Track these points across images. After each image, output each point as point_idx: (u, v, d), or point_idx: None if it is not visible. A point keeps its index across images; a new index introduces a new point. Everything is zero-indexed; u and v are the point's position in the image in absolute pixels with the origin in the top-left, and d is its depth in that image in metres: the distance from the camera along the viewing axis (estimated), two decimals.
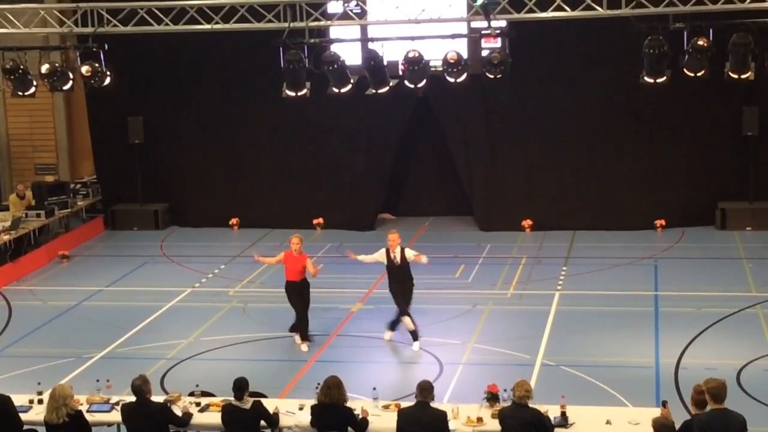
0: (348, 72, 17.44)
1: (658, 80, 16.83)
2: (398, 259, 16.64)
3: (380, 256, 16.83)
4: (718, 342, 16.58)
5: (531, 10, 17.18)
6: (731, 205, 23.61)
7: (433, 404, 11.53)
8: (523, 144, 24.31)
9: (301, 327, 16.85)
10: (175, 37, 19.81)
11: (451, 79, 17.47)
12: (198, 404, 12.47)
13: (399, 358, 16.44)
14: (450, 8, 18.02)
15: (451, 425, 11.61)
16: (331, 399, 11.61)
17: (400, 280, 16.71)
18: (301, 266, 16.70)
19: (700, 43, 16.12)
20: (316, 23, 17.67)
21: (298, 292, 16.77)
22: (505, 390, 12.07)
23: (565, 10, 17.08)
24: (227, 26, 18.01)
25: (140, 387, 11.75)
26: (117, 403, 12.41)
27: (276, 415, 11.97)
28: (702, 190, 23.84)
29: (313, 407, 11.80)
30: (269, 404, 12.12)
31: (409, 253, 16.72)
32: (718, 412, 10.31)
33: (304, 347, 16.78)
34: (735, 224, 23.43)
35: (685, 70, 16.69)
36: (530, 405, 11.24)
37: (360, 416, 11.81)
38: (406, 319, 16.68)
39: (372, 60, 17.21)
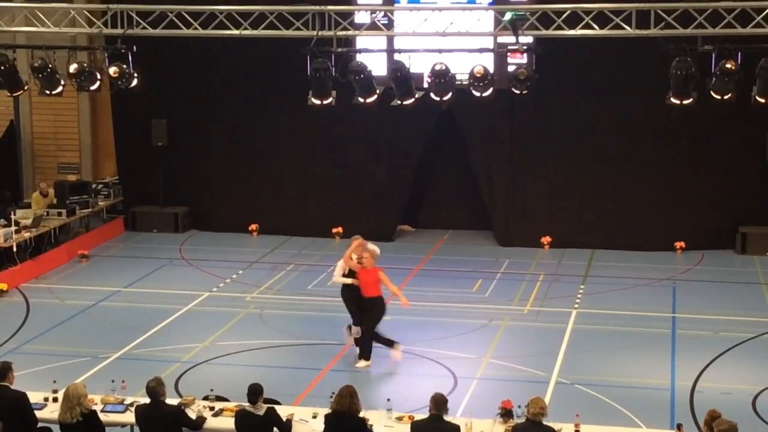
0: (374, 82, 17.47)
1: (685, 102, 16.80)
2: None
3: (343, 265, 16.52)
4: (734, 366, 16.50)
5: (559, 27, 17.17)
6: (752, 229, 23.49)
7: (447, 418, 11.51)
8: (546, 160, 24.28)
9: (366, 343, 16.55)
10: (202, 41, 19.89)
11: (477, 93, 17.48)
12: (212, 408, 12.48)
13: (414, 370, 16.39)
14: (478, 22, 18.04)
15: None
16: (342, 407, 11.60)
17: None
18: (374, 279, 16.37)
19: (728, 66, 16.08)
20: (343, 32, 17.69)
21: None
22: (519, 406, 12.05)
23: (593, 29, 17.04)
24: (256, 32, 18.04)
25: (155, 389, 11.78)
26: (131, 404, 12.45)
27: (289, 422, 11.97)
28: (723, 214, 23.74)
29: (326, 416, 11.79)
30: (283, 411, 12.13)
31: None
32: None
33: (362, 364, 16.42)
34: (755, 249, 23.30)
35: (712, 93, 16.66)
36: (544, 423, 11.22)
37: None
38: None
39: (398, 71, 17.22)
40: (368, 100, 17.58)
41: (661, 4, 16.71)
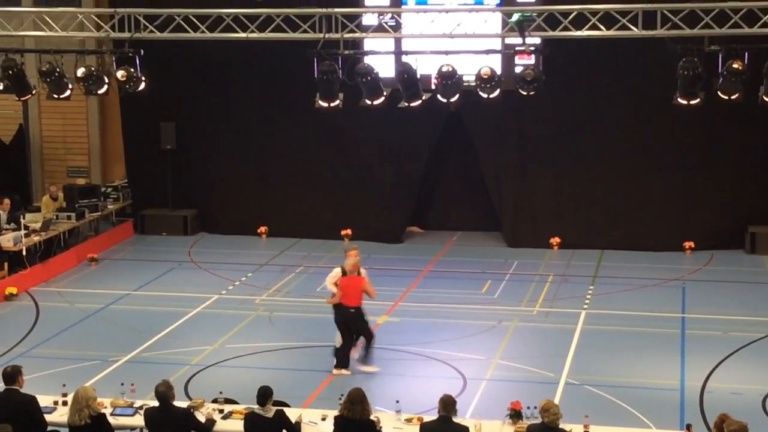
0: (381, 84, 17.49)
1: (692, 102, 16.80)
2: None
3: (333, 277, 16.07)
4: (744, 367, 16.47)
5: (566, 28, 17.20)
6: (761, 229, 23.45)
7: (456, 419, 11.50)
8: (554, 162, 24.27)
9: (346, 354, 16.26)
10: (210, 44, 19.93)
11: (484, 95, 17.50)
12: (221, 411, 12.50)
13: (423, 372, 16.41)
14: (485, 24, 18.06)
15: None
16: (354, 414, 11.59)
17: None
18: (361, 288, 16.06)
19: (735, 66, 16.10)
20: (350, 35, 17.74)
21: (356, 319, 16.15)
22: (528, 407, 12.05)
23: (600, 29, 17.08)
24: (262, 35, 18.09)
25: (164, 392, 11.79)
26: (141, 408, 12.46)
27: (298, 424, 11.98)
28: (732, 214, 23.71)
29: (336, 418, 11.80)
30: (292, 413, 12.14)
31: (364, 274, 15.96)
32: None
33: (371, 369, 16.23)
34: (764, 248, 23.26)
35: (719, 93, 16.65)
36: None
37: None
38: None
39: (405, 73, 17.25)
40: (375, 102, 17.61)
41: (667, 4, 16.74)
